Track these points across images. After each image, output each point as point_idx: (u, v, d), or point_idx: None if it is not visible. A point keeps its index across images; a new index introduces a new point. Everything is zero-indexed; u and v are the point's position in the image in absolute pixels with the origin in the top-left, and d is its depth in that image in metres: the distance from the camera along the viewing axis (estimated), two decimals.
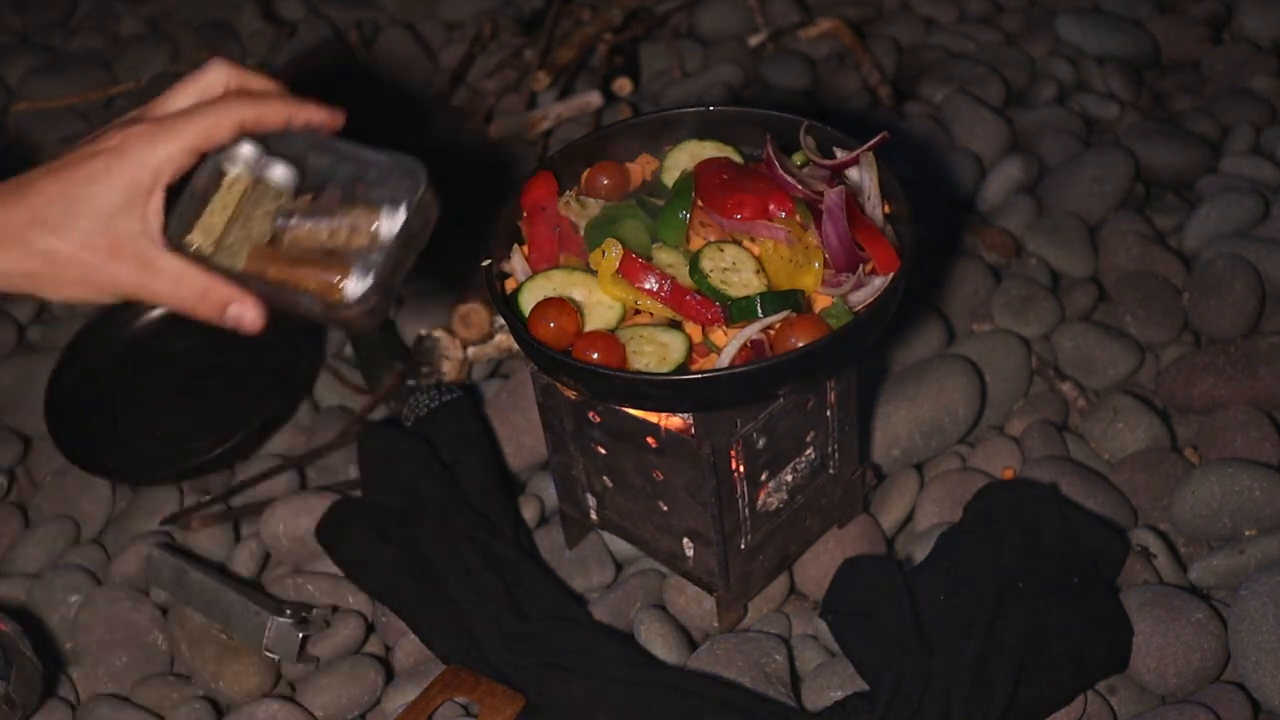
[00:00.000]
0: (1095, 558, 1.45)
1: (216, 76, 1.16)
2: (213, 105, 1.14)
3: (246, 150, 1.17)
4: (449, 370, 1.79)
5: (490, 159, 2.14)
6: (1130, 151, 1.98)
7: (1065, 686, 1.37)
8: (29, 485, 1.81)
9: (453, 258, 1.40)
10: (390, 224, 1.15)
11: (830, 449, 1.47)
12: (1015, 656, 1.34)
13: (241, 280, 1.16)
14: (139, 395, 1.88)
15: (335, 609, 1.56)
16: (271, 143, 1.18)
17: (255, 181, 1.18)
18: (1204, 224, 1.88)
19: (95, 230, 1.11)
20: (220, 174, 1.17)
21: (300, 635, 1.49)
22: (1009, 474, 1.61)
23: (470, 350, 1.83)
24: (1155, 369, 1.76)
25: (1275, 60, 2.19)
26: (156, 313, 1.95)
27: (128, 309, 1.95)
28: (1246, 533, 1.53)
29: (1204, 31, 2.26)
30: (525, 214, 1.41)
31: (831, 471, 1.49)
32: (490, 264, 1.37)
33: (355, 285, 1.14)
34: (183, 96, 1.16)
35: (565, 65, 2.28)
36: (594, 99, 2.19)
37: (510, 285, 1.36)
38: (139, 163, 1.11)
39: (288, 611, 1.49)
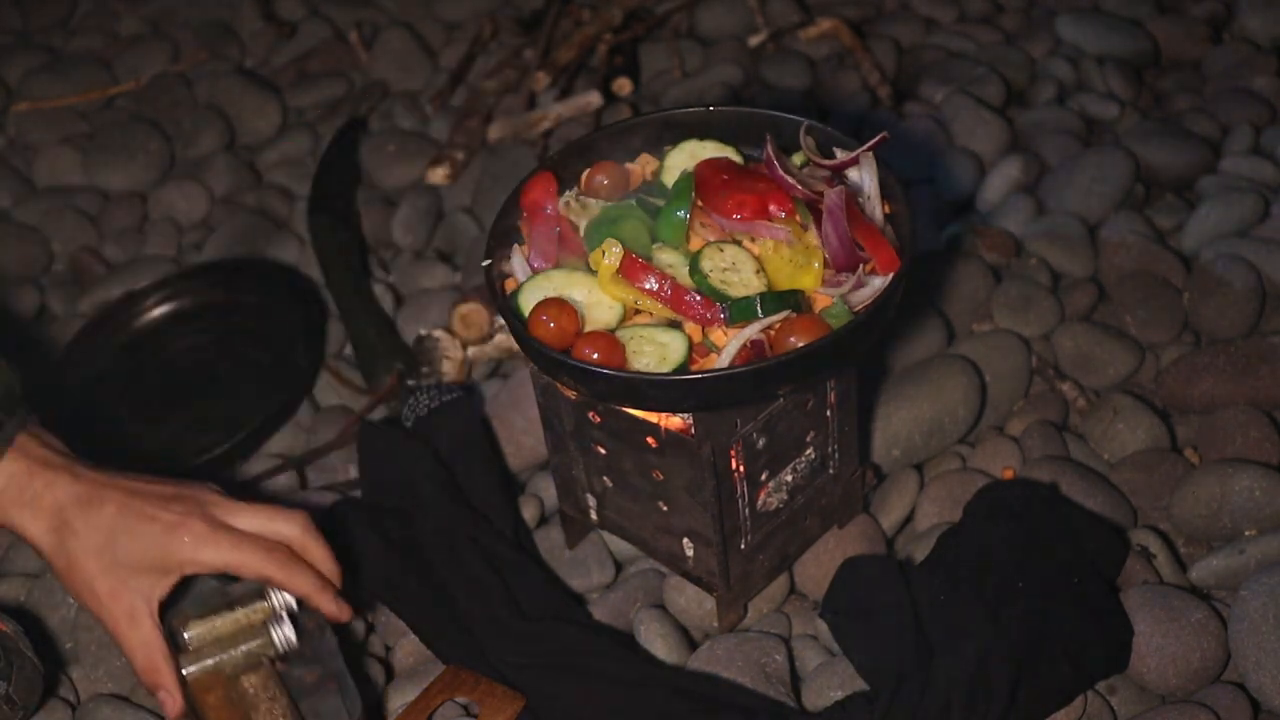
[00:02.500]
0: (1095, 558, 1.45)
1: (292, 527, 1.36)
2: (259, 550, 1.33)
3: (288, 598, 1.35)
4: (449, 370, 1.79)
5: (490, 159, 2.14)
6: (1130, 151, 1.98)
7: (1065, 686, 1.37)
8: None
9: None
10: None
11: (830, 449, 1.47)
12: (1015, 656, 1.34)
13: (184, 684, 1.34)
14: (139, 395, 1.88)
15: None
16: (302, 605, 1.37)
17: (265, 622, 1.35)
18: (1204, 224, 1.88)
19: (115, 572, 1.32)
20: (259, 597, 1.36)
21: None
22: (1009, 474, 1.61)
23: (470, 350, 1.83)
24: (1155, 369, 1.76)
25: (1275, 60, 2.19)
26: (157, 312, 1.96)
27: (127, 309, 1.95)
28: (1246, 533, 1.53)
29: (1204, 31, 2.26)
30: (525, 214, 1.41)
31: (831, 471, 1.49)
32: (490, 264, 1.37)
33: None
34: (256, 517, 1.35)
35: (565, 65, 2.28)
36: (594, 99, 2.19)
37: (510, 285, 1.36)
38: (180, 551, 1.32)
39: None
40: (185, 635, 1.35)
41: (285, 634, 1.34)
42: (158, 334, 1.95)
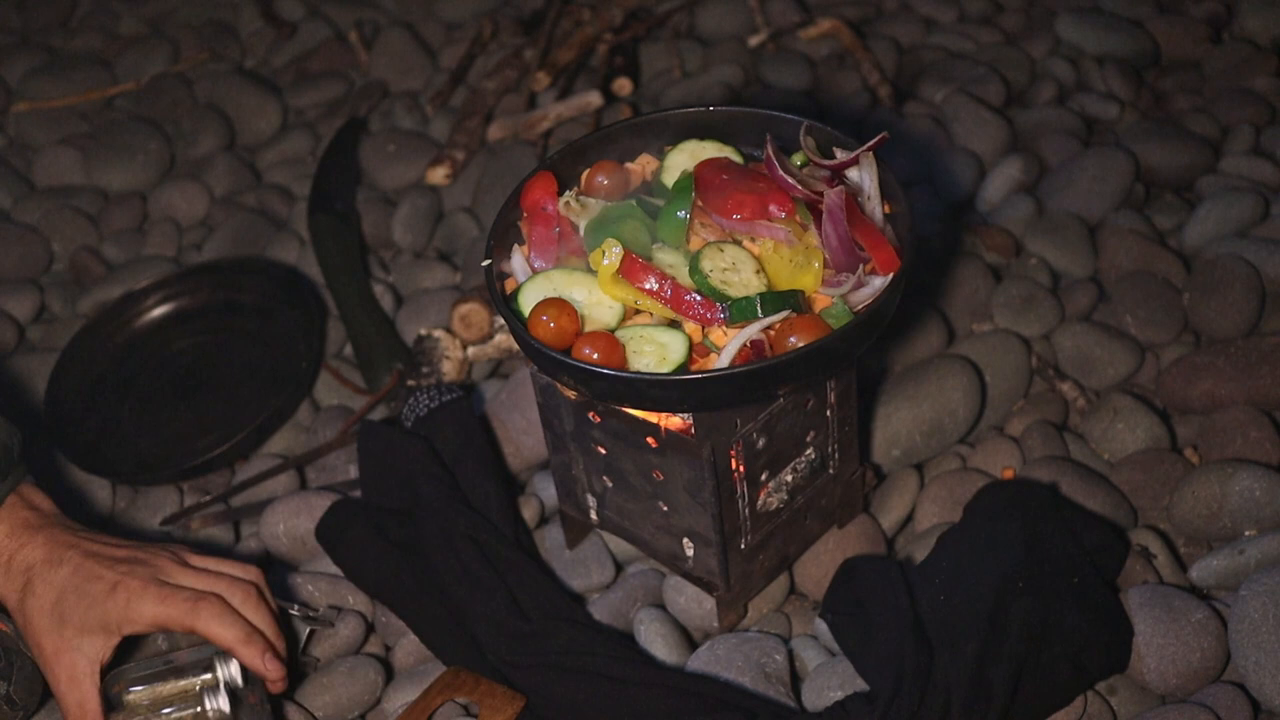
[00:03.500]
0: (1095, 558, 1.45)
1: (232, 587, 1.39)
2: (185, 603, 1.36)
3: (232, 671, 1.38)
4: (449, 370, 1.79)
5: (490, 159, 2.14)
6: (1130, 151, 1.98)
7: (1065, 686, 1.37)
8: None
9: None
10: None
11: (830, 449, 1.47)
12: (1015, 656, 1.34)
13: None
14: (139, 395, 1.88)
15: (338, 610, 1.55)
16: (248, 675, 1.40)
17: (203, 691, 1.38)
18: (1204, 224, 1.88)
19: (60, 632, 1.36)
20: (204, 668, 1.39)
21: (307, 630, 1.49)
22: (1009, 474, 1.61)
23: (470, 350, 1.83)
24: (1155, 369, 1.76)
25: (1275, 60, 2.19)
26: (157, 312, 1.96)
27: (127, 309, 1.95)
28: (1246, 533, 1.53)
29: (1204, 31, 2.26)
30: (525, 214, 1.41)
31: (831, 471, 1.49)
32: (490, 264, 1.37)
33: None
34: (198, 577, 1.39)
35: (565, 65, 2.28)
36: (594, 99, 2.19)
37: (510, 285, 1.36)
38: (116, 610, 1.35)
39: (295, 607, 1.50)
40: (124, 698, 1.38)
41: (218, 704, 1.37)
42: (158, 334, 1.95)
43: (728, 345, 1.25)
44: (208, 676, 1.39)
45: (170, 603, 1.36)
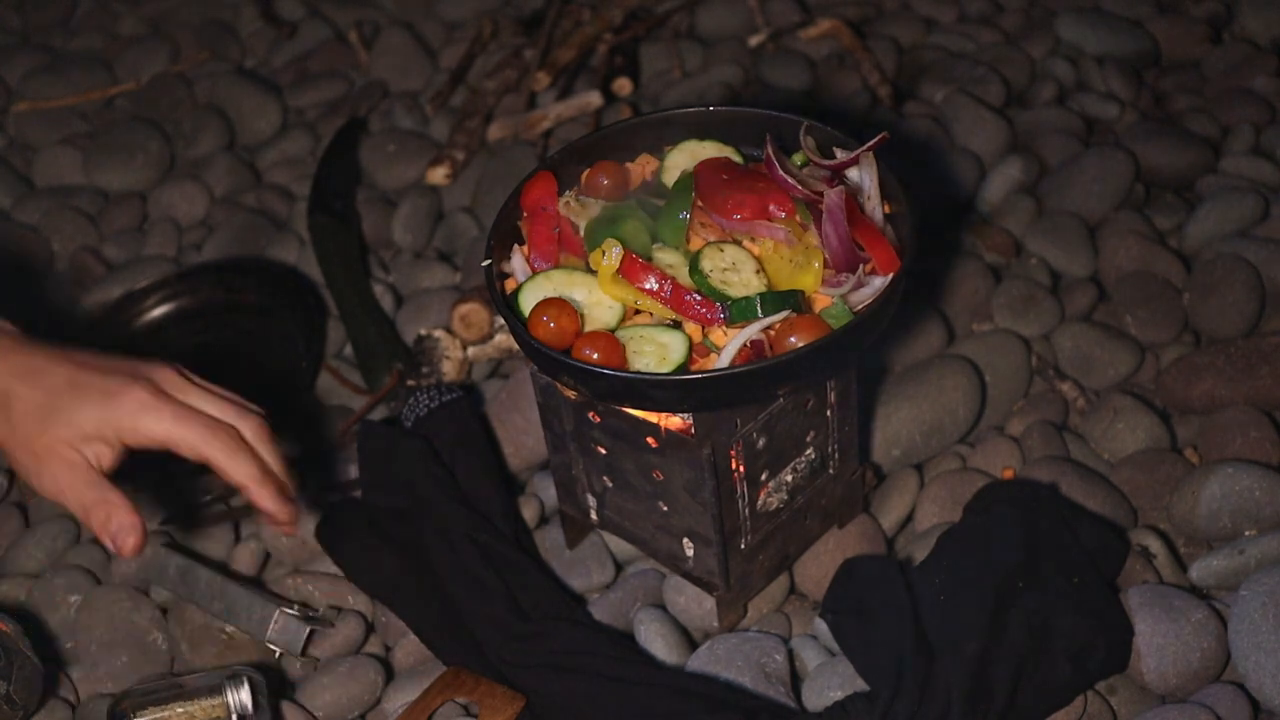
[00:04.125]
0: (1095, 558, 1.45)
1: (245, 420, 1.28)
2: (203, 427, 1.24)
3: (243, 697, 1.38)
4: (449, 370, 1.79)
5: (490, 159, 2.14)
6: (1130, 151, 1.98)
7: (1065, 686, 1.37)
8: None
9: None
10: None
11: (830, 449, 1.47)
12: (1015, 656, 1.34)
13: None
14: None
15: (338, 610, 1.56)
16: (259, 701, 1.39)
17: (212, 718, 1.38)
18: (1204, 224, 1.88)
19: (54, 431, 1.21)
20: (212, 693, 1.38)
21: (308, 630, 1.49)
22: (1009, 474, 1.61)
23: (470, 350, 1.83)
24: (1155, 369, 1.76)
25: (1275, 60, 2.19)
26: (157, 312, 1.96)
27: (127, 309, 1.95)
28: (1246, 533, 1.53)
29: (1204, 31, 2.26)
30: (525, 214, 1.41)
31: (831, 471, 1.49)
32: (490, 264, 1.37)
33: None
34: (207, 400, 1.27)
35: (565, 65, 2.28)
36: (594, 99, 2.19)
37: (510, 285, 1.36)
38: (120, 419, 1.22)
39: (295, 607, 1.50)
40: (133, 717, 1.37)
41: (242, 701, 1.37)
42: (158, 334, 1.95)
43: (728, 345, 1.25)
44: (217, 701, 1.38)
45: (185, 423, 1.23)
